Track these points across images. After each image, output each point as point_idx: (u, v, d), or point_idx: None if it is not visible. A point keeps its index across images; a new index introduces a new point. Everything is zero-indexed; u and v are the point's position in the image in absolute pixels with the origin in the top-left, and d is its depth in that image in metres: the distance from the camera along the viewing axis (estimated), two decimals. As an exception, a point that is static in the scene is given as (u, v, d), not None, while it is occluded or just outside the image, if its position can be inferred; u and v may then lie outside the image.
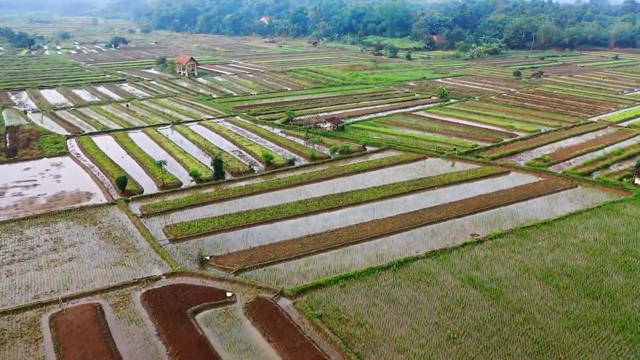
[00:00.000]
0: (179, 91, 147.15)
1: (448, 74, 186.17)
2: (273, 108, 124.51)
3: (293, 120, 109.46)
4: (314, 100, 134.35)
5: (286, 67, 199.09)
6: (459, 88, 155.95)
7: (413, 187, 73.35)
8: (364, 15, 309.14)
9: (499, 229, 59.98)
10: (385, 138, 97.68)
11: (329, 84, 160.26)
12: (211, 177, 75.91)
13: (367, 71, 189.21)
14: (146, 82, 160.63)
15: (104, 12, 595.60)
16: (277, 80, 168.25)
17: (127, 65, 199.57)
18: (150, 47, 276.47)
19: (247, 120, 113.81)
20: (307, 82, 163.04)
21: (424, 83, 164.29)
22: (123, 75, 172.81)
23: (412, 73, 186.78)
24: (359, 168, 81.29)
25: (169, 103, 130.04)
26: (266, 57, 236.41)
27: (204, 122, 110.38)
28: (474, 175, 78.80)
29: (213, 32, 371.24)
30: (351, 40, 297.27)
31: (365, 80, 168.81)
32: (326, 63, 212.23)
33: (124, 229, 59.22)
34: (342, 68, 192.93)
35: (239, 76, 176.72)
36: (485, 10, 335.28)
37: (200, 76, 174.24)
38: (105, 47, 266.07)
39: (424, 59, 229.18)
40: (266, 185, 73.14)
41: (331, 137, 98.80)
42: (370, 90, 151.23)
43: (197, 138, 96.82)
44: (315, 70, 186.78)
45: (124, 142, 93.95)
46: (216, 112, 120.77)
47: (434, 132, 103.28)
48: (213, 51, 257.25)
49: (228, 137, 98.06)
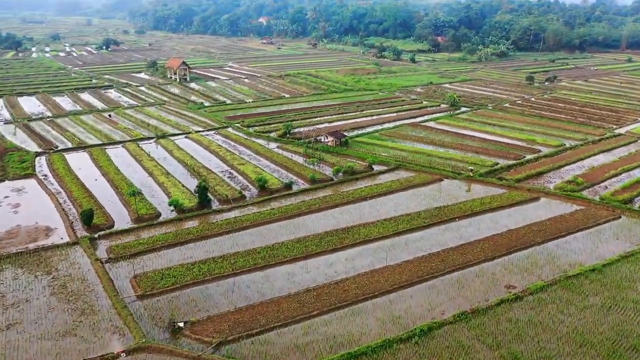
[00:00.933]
0: (169, 98, 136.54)
1: (456, 78, 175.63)
2: (269, 118, 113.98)
3: (291, 133, 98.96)
4: (313, 109, 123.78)
5: (284, 70, 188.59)
6: (469, 94, 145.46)
7: (430, 218, 62.80)
8: (366, 15, 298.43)
9: (538, 279, 49.43)
10: (393, 154, 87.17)
11: (330, 90, 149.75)
12: (195, 207, 65.38)
13: (370, 75, 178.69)
14: (134, 89, 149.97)
15: (99, 12, 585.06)
16: (274, 85, 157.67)
17: (117, 69, 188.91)
18: (143, 49, 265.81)
19: (240, 133, 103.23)
20: (306, 88, 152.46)
21: (432, 89, 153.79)
22: (110, 81, 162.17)
23: (417, 77, 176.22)
24: (367, 194, 70.71)
25: (155, 112, 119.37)
26: (263, 59, 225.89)
27: (192, 136, 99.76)
28: (498, 202, 68.26)
29: (210, 33, 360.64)
30: (352, 41, 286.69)
31: (368, 85, 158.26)
32: (327, 66, 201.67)
33: (83, 279, 48.64)
34: (343, 72, 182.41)
35: (234, 81, 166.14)
36: (490, 10, 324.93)
37: (193, 81, 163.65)
38: (96, 49, 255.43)
39: (429, 62, 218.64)
40: (258, 217, 62.56)
41: (333, 153, 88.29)
42: (374, 97, 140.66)
43: (183, 155, 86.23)
44: (315, 75, 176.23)
45: (100, 160, 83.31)
46: (207, 123, 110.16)
47: (447, 147, 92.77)
48: (208, 53, 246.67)
49: (218, 154, 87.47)
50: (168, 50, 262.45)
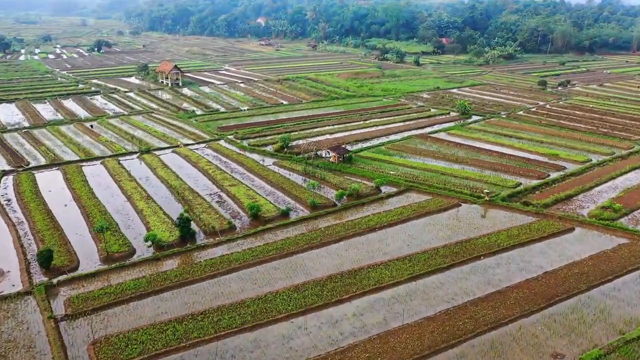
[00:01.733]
0: (158, 105, 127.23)
1: (463, 82, 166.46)
2: (265, 129, 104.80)
3: (288, 146, 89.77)
4: (314, 118, 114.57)
5: (282, 74, 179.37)
6: (479, 101, 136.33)
7: (451, 256, 53.60)
8: (367, 16, 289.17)
9: (591, 344, 40.31)
10: (403, 173, 78.00)
11: (331, 96, 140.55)
12: (176, 241, 56.17)
13: (373, 80, 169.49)
14: (122, 95, 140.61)
15: (94, 12, 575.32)
16: (271, 91, 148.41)
17: (106, 73, 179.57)
18: (136, 51, 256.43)
19: (233, 146, 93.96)
20: (305, 94, 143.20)
21: (439, 95, 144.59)
22: (98, 86, 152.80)
23: (423, 82, 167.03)
24: (375, 223, 61.47)
25: (142, 122, 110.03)
26: (261, 62, 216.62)
27: (180, 150, 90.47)
28: (528, 234, 59.03)
29: (206, 33, 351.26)
30: (353, 43, 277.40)
31: (371, 91, 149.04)
32: (327, 69, 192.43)
33: (29, 346, 39.45)
34: (345, 76, 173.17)
35: (229, 86, 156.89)
36: (495, 10, 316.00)
37: (186, 86, 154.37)
38: (88, 51, 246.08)
39: (434, 65, 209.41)
40: (249, 256, 53.29)
41: (336, 172, 79.14)
42: (378, 105, 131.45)
43: (168, 174, 76.95)
44: (315, 79, 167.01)
45: (73, 180, 74.04)
46: (197, 134, 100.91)
47: (462, 164, 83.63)
48: (204, 55, 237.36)
49: (207, 173, 78.20)
50: (162, 52, 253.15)
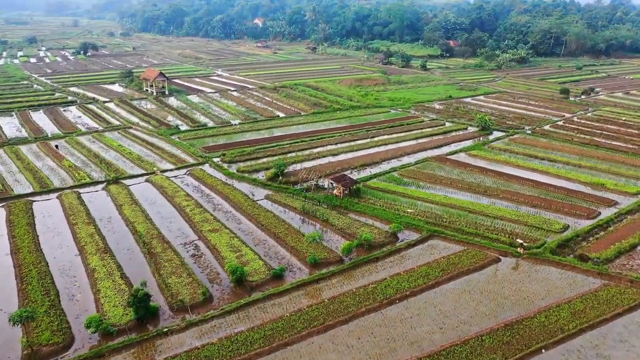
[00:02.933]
0: (139, 119, 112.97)
1: (477, 90, 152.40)
2: (258, 149, 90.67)
3: (284, 173, 75.70)
4: (313, 135, 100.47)
5: (280, 80, 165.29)
6: (497, 113, 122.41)
7: (502, 350, 39.46)
8: (369, 17, 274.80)
9: None
10: (423, 211, 64.00)
11: (333, 107, 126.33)
12: (131, 324, 42.06)
13: (378, 87, 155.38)
14: (100, 105, 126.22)
15: (88, 12, 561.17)
16: (266, 101, 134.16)
17: (88, 79, 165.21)
18: (125, 54, 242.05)
19: (219, 172, 79.72)
20: (304, 105, 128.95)
21: (452, 105, 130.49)
22: (76, 95, 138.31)
23: (433, 90, 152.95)
24: (394, 291, 47.26)
25: (117, 141, 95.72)
26: (257, 66, 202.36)
27: (155, 178, 76.24)
28: (596, 309, 44.89)
29: (201, 35, 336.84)
30: (355, 45, 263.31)
31: (377, 100, 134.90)
32: (328, 75, 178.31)
33: None
34: (347, 82, 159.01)
35: (220, 94, 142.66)
36: (502, 10, 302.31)
37: (173, 95, 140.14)
38: (73, 54, 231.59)
39: (443, 70, 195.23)
40: (226, 352, 39.15)
41: (341, 209, 65.14)
42: (386, 117, 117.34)
43: (135, 214, 62.78)
44: (315, 86, 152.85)
45: (17, 224, 59.82)
46: (178, 157, 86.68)
47: (491, 196, 69.71)
48: (196, 59, 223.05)
49: (183, 212, 64.05)
50: (153, 55, 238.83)
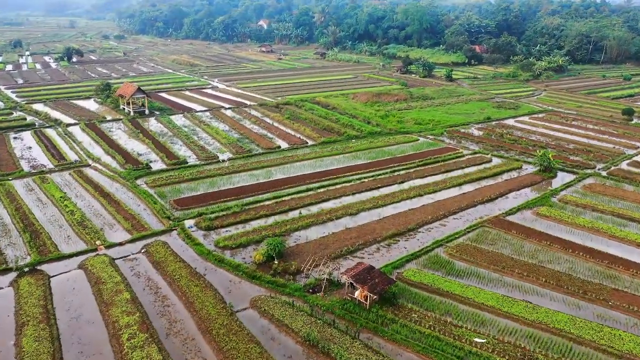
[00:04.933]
0: (104, 151, 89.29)
1: (519, 109, 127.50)
2: (248, 205, 66.69)
3: (282, 255, 51.74)
4: (324, 178, 76.29)
5: (284, 94, 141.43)
6: (552, 140, 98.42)
7: None
8: (384, 19, 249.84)
9: None
10: (498, 338, 39.81)
11: (347, 133, 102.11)
12: None
13: (399, 103, 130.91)
14: (62, 131, 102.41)
15: (88, 12, 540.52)
16: (266, 124, 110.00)
17: (61, 93, 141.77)
18: (113, 60, 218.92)
19: (190, 249, 55.79)
20: (311, 130, 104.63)
21: (494, 130, 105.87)
22: (37, 114, 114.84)
23: (465, 107, 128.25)
24: None
25: (63, 189, 71.75)
26: (259, 75, 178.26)
27: (94, 263, 52.34)
28: None
29: (202, 37, 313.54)
30: (369, 50, 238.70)
31: (401, 123, 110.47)
32: (339, 87, 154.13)
33: None
34: (363, 98, 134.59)
35: (211, 114, 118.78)
36: (528, 12, 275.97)
37: (154, 115, 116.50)
38: (56, 60, 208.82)
39: (471, 81, 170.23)
40: None
41: (370, 332, 41.05)
42: (415, 149, 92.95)
43: (39, 346, 38.92)
44: (325, 103, 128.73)
45: None
46: (138, 218, 62.72)
47: (595, 301, 45.96)
48: (192, 66, 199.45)
49: (116, 341, 40.10)
50: (144, 61, 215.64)
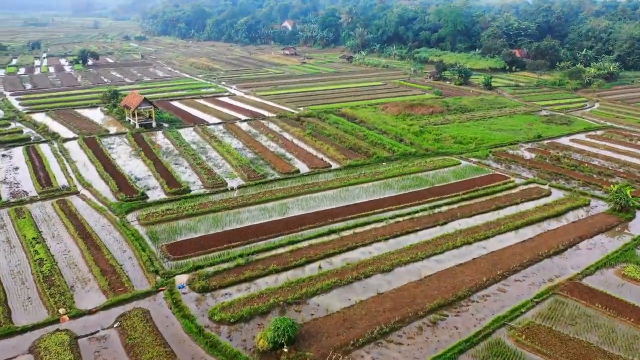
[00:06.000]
0: (98, 174, 77.86)
1: (573, 125, 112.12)
2: (256, 254, 53.96)
3: (293, 341, 38.84)
4: (349, 216, 63.08)
5: (306, 103, 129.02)
6: (620, 167, 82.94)
7: None
8: (415, 20, 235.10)
9: None
10: None
11: (377, 154, 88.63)
12: None
13: (435, 116, 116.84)
14: (59, 146, 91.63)
15: (114, 13, 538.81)
16: (285, 140, 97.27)
17: (66, 101, 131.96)
18: (130, 63, 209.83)
19: (177, 321, 43.32)
20: (336, 150, 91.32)
21: (548, 151, 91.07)
22: (36, 126, 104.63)
23: (510, 122, 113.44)
24: None
25: (37, 228, 60.25)
26: (280, 81, 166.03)
27: (50, 343, 40.19)
28: None
29: (224, 39, 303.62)
30: (398, 53, 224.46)
31: (438, 141, 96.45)
32: (367, 95, 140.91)
33: None
34: (394, 110, 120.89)
35: (225, 127, 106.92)
36: (570, 12, 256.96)
37: (161, 128, 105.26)
38: (70, 63, 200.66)
39: (512, 89, 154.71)
40: None
41: None
42: (457, 176, 78.84)
43: None
44: (351, 115, 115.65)
45: None
46: (119, 271, 50.60)
47: None
48: (210, 71, 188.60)
49: None
50: (162, 64, 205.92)
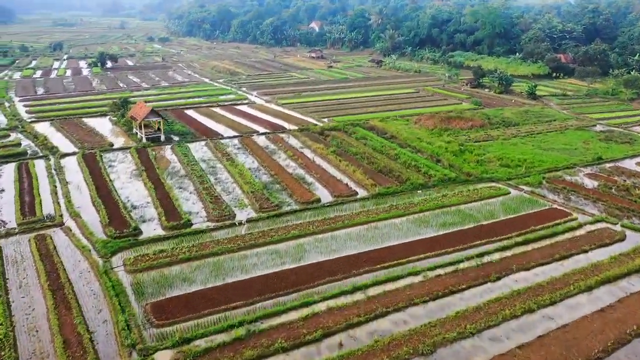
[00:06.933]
0: (90, 199, 68.18)
1: (635, 142, 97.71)
2: (261, 320, 42.71)
3: None
4: (379, 267, 51.23)
5: (331, 113, 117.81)
6: None
7: None
8: (450, 22, 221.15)
9: None
10: None
11: (411, 179, 76.32)
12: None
13: (475, 131, 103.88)
14: (55, 163, 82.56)
15: (141, 13, 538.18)
16: (305, 160, 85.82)
17: (78, 108, 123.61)
18: (149, 66, 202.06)
19: None
20: (362, 172, 79.23)
21: (613, 178, 77.27)
22: (35, 139, 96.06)
23: (563, 140, 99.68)
24: None
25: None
26: (304, 87, 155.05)
27: None
28: None
29: (249, 40, 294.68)
30: (431, 57, 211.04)
31: (482, 165, 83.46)
32: (398, 105, 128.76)
33: None
34: (429, 123, 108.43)
35: (240, 142, 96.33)
36: (617, 13, 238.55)
37: (170, 141, 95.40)
38: (89, 65, 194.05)
39: (560, 99, 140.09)
40: None
41: None
42: (506, 210, 66.04)
43: None
44: (381, 129, 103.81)
45: None
46: (84, 344, 39.61)
47: None
48: (232, 74, 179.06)
49: None
50: (182, 67, 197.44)
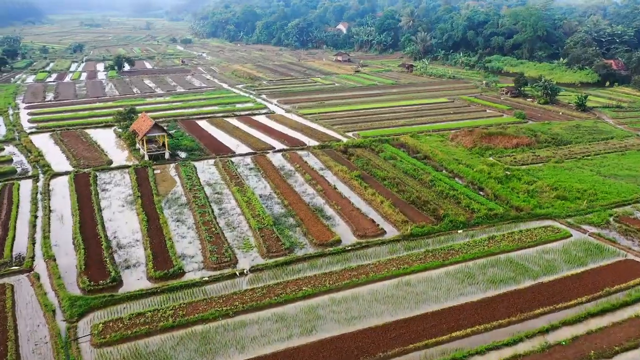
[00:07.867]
0: (71, 236, 58.14)
1: None
2: None
3: None
4: (412, 346, 39.38)
5: (357, 126, 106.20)
6: None
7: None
8: (487, 24, 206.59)
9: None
10: None
11: (449, 216, 63.88)
12: None
13: (521, 152, 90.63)
14: (42, 186, 73.28)
15: (168, 14, 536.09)
16: (325, 185, 74.20)
17: (84, 117, 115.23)
18: (167, 69, 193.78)
19: None
20: (393, 204, 67.13)
21: (699, 220, 63.53)
22: (28, 154, 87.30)
23: (625, 162, 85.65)
24: None
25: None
26: (328, 95, 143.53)
27: None
28: None
29: (274, 42, 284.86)
30: (466, 61, 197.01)
31: (533, 197, 70.41)
32: (431, 117, 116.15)
33: None
34: (467, 140, 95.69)
35: (253, 160, 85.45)
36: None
37: (175, 159, 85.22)
38: (106, 69, 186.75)
39: (613, 111, 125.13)
40: None
41: None
42: (571, 264, 53.00)
43: None
44: (413, 147, 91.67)
45: None
46: None
47: None
48: (253, 79, 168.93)
49: None
50: (201, 71, 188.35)
